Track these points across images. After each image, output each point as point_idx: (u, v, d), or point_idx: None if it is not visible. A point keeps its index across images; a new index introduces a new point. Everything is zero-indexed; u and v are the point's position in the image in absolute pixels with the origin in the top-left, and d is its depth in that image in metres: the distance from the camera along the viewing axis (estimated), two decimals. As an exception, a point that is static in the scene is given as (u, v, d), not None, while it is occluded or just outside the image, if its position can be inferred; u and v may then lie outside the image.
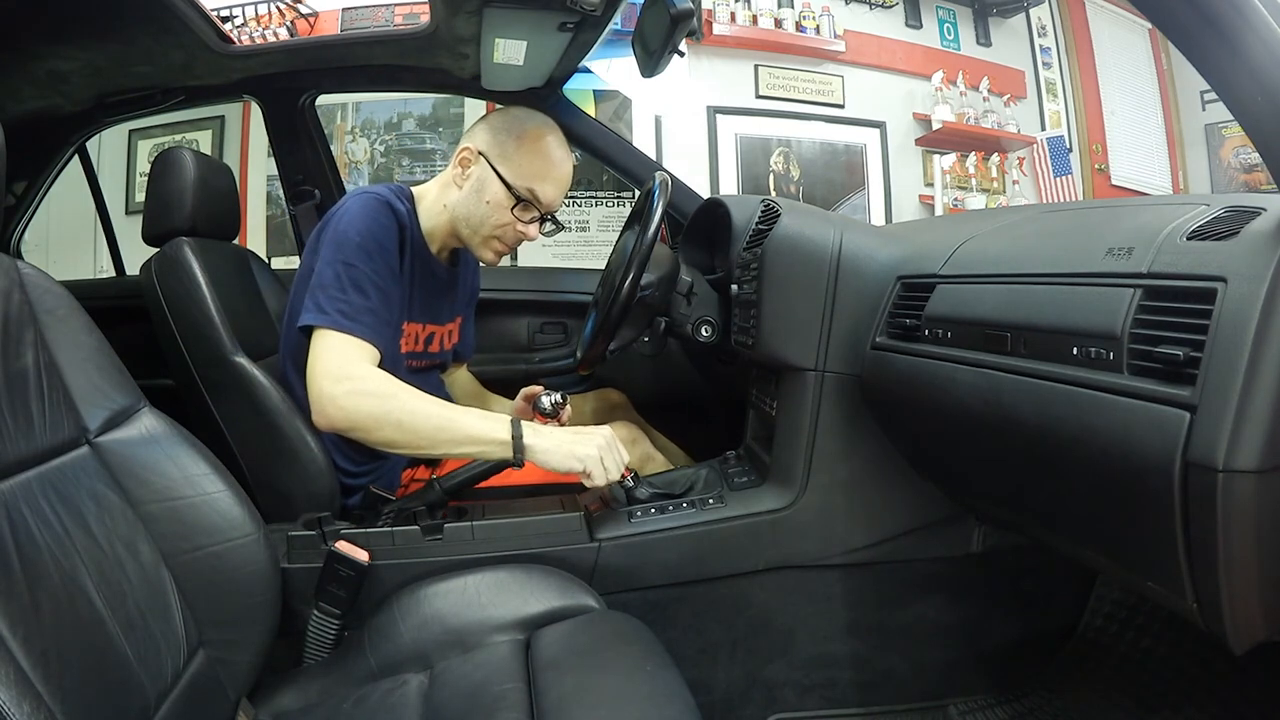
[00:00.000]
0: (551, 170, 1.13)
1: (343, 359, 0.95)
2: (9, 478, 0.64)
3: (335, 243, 1.01)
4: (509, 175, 1.11)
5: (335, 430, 0.96)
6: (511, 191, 1.11)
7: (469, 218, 1.14)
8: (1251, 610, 0.57)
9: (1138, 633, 1.06)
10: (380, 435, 0.94)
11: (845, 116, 3.23)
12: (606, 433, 0.97)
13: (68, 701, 0.56)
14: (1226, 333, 0.54)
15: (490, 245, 1.16)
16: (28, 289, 0.73)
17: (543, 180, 1.12)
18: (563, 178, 1.15)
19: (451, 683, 0.79)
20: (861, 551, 1.05)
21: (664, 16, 1.12)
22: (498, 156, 1.12)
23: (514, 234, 1.15)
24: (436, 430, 0.94)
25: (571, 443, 0.95)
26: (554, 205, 1.16)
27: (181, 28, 1.31)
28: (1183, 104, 3.70)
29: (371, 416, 0.93)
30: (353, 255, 1.00)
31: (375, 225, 1.03)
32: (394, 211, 1.06)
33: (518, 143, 1.12)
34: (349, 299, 0.98)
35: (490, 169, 1.11)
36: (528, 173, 1.11)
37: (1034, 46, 3.59)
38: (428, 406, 0.95)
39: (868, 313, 0.99)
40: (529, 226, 1.15)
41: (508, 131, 1.13)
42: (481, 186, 1.12)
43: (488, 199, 1.12)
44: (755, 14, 3.10)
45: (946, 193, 3.32)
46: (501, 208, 1.12)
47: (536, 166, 1.12)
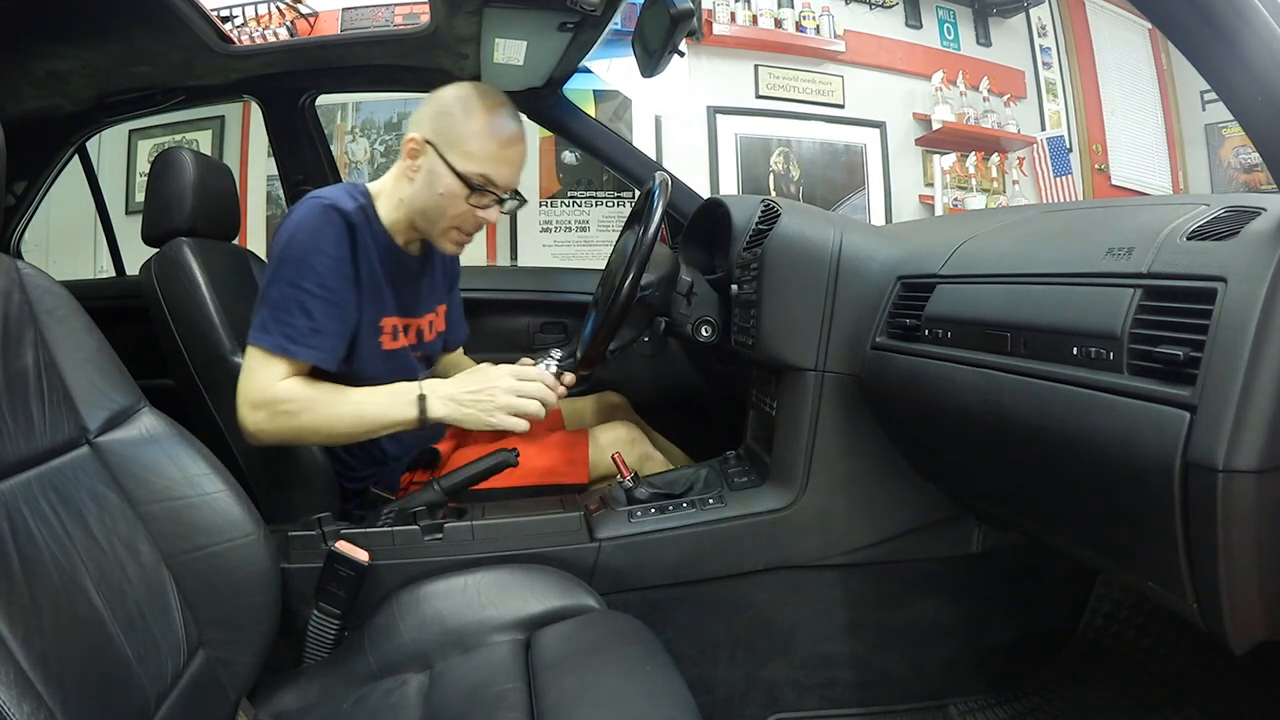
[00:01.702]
0: (503, 150, 1.06)
1: (264, 382, 0.98)
2: (9, 478, 0.64)
3: (278, 258, 1.00)
4: (459, 164, 1.05)
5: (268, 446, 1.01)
6: (464, 181, 1.05)
7: (425, 210, 1.09)
8: (1251, 610, 0.57)
9: (1138, 633, 1.06)
10: (310, 442, 1.04)
11: (845, 116, 3.23)
12: (506, 382, 1.01)
13: (68, 701, 0.56)
14: (1226, 333, 0.54)
15: (449, 236, 1.11)
16: (28, 289, 0.73)
17: (495, 162, 1.06)
18: (516, 155, 1.09)
19: (451, 683, 0.79)
20: (861, 551, 1.05)
21: (664, 16, 1.12)
22: (445, 144, 1.05)
23: (474, 221, 1.10)
24: (354, 426, 1.00)
25: (477, 407, 1.00)
26: (512, 184, 1.10)
27: (181, 28, 1.31)
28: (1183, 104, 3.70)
29: (291, 432, 0.99)
30: (294, 272, 0.99)
31: (317, 235, 1.00)
32: (340, 213, 1.02)
33: (463, 125, 1.05)
34: (294, 321, 0.98)
35: (439, 159, 1.05)
36: (478, 157, 1.05)
37: (1034, 46, 3.59)
38: (339, 407, 0.99)
39: (868, 313, 0.99)
40: (488, 210, 1.09)
41: (451, 114, 1.06)
42: (433, 178, 1.06)
43: (440, 190, 1.06)
44: (755, 14, 3.10)
45: (946, 193, 3.32)
46: (456, 198, 1.06)
47: (487, 148, 1.05)
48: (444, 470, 1.13)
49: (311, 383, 1.01)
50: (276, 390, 0.98)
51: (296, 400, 0.98)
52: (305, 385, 0.99)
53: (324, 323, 0.99)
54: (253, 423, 0.98)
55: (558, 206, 2.86)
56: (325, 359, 1.00)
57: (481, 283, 1.78)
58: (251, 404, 0.98)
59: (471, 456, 1.04)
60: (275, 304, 0.98)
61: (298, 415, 0.98)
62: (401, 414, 1.00)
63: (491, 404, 1.00)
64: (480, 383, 1.02)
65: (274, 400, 0.97)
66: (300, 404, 0.98)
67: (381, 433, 1.02)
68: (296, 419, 0.98)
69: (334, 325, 1.01)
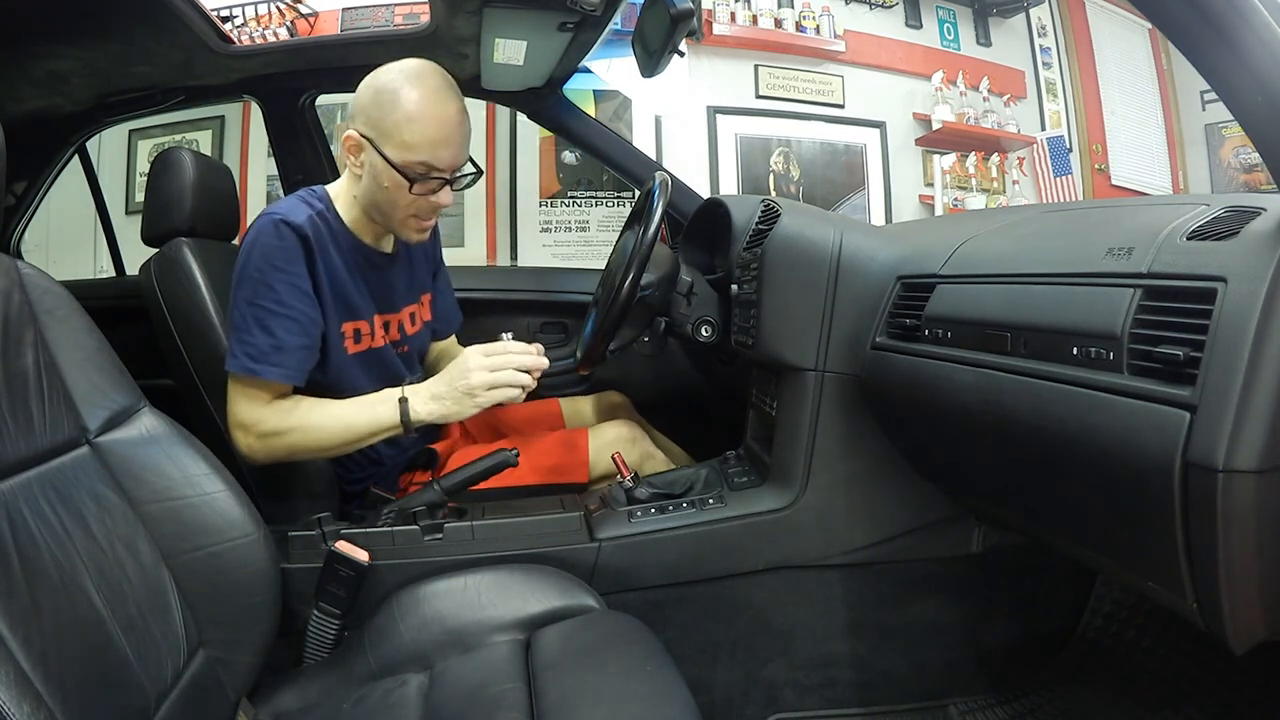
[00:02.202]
0: (439, 132, 1.01)
1: (247, 405, 1.00)
2: (9, 478, 0.64)
3: (237, 280, 1.01)
4: (395, 155, 1.00)
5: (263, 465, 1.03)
6: (403, 174, 1.01)
7: (378, 205, 1.07)
8: (1251, 610, 0.57)
9: (1138, 633, 1.06)
10: (303, 458, 1.04)
11: (845, 116, 3.23)
12: (475, 360, 1.00)
13: (68, 702, 0.56)
14: (1226, 333, 0.54)
15: (409, 225, 1.08)
16: (28, 289, 0.73)
17: (433, 147, 1.01)
18: (454, 134, 1.02)
19: (451, 683, 0.79)
20: (861, 551, 1.05)
21: (664, 16, 1.12)
22: (379, 137, 1.01)
23: (428, 207, 1.06)
24: (342, 438, 1.02)
25: (456, 397, 1.01)
26: (457, 163, 1.05)
27: (181, 28, 1.31)
28: (1183, 104, 3.70)
29: (285, 450, 1.01)
30: (251, 291, 0.99)
31: (269, 250, 0.99)
32: (291, 227, 1.00)
33: (393, 114, 1.00)
34: (255, 340, 0.98)
35: (376, 154, 1.01)
36: (413, 145, 1.00)
37: (1034, 46, 3.59)
38: (324, 423, 1.01)
39: (868, 313, 0.99)
40: (439, 194, 1.05)
41: (377, 104, 1.01)
42: (375, 173, 1.03)
43: (385, 184, 1.03)
44: (755, 14, 3.10)
45: (946, 193, 3.32)
46: (401, 189, 1.02)
47: (421, 135, 1.00)
48: (443, 470, 1.12)
49: (294, 402, 1.02)
50: (258, 415, 0.99)
51: (280, 422, 0.99)
52: (287, 407, 1.01)
53: (285, 339, 0.99)
54: (244, 445, 1.00)
55: (558, 206, 2.86)
56: (292, 375, 1.00)
57: (481, 283, 1.78)
58: (241, 427, 1.00)
59: (471, 456, 1.04)
60: (237, 326, 0.99)
61: (285, 436, 1.00)
62: (386, 419, 1.01)
63: (468, 385, 1.00)
64: (453, 372, 1.02)
65: (256, 424, 0.99)
66: (284, 425, 0.99)
67: (372, 441, 1.03)
68: (284, 439, 1.00)
69: (296, 340, 1.00)
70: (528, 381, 1.01)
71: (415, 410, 1.01)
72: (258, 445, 1.00)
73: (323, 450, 1.03)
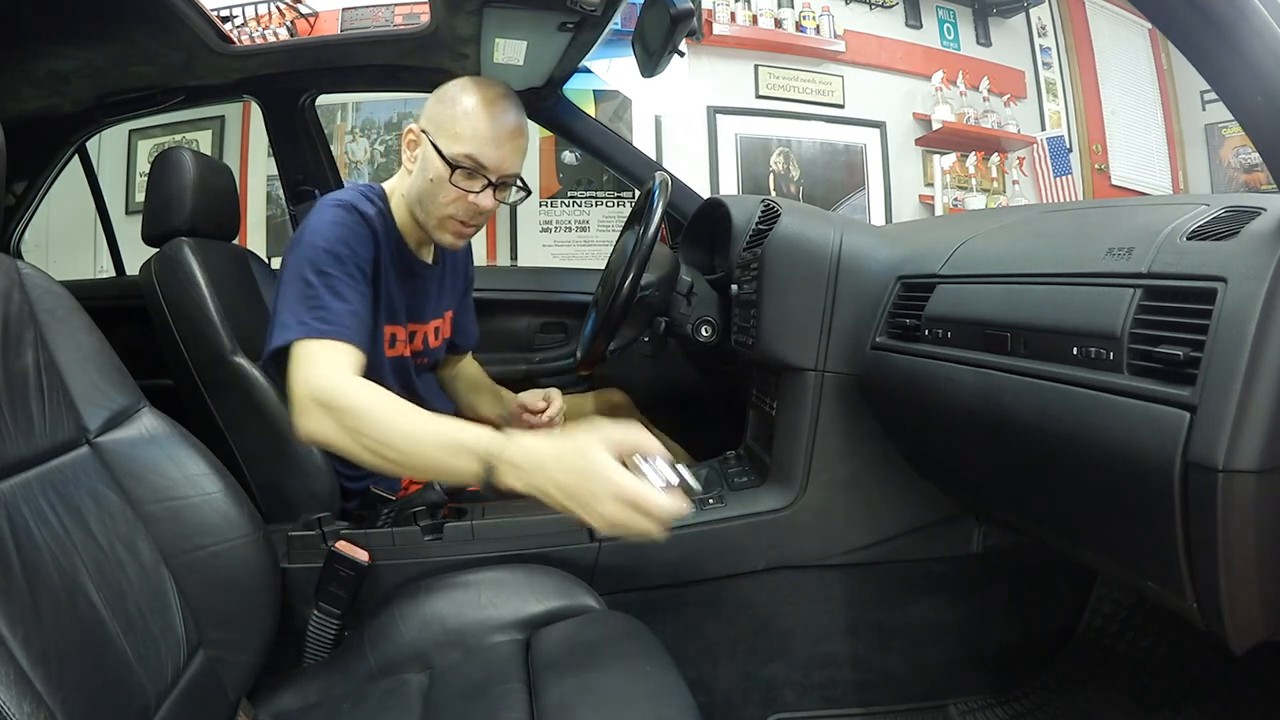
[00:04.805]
0: (489, 129, 1.03)
1: (322, 373, 0.87)
2: (9, 478, 0.64)
3: (305, 255, 0.96)
4: (444, 145, 1.03)
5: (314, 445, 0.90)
6: (447, 161, 1.02)
7: (420, 200, 1.07)
8: (1251, 610, 0.57)
9: (1138, 633, 1.06)
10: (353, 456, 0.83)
11: (845, 116, 3.23)
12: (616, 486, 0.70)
13: (68, 701, 0.56)
14: (1226, 333, 0.54)
15: (446, 227, 1.07)
16: (28, 289, 0.73)
17: (483, 143, 1.02)
18: (504, 135, 1.04)
19: (451, 683, 0.79)
20: (861, 551, 1.05)
21: (664, 16, 1.12)
22: (435, 129, 1.04)
23: (466, 207, 1.05)
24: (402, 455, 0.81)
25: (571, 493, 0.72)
26: (504, 168, 1.05)
27: (181, 28, 1.31)
28: (1183, 104, 3.70)
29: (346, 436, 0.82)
30: (325, 263, 0.95)
31: (345, 232, 0.98)
32: (363, 216, 1.01)
33: (453, 108, 1.04)
34: (330, 305, 0.92)
35: (429, 145, 1.04)
36: (464, 137, 1.02)
37: (1034, 46, 3.59)
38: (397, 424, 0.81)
39: (868, 313, 0.99)
40: (481, 196, 1.05)
41: (443, 101, 1.05)
42: (425, 164, 1.05)
43: (431, 176, 1.04)
44: (755, 14, 3.10)
45: (946, 193, 3.32)
46: (444, 181, 1.03)
47: (472, 128, 1.02)
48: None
49: (377, 387, 0.86)
50: (340, 383, 0.85)
51: (361, 398, 0.83)
52: (372, 387, 0.86)
53: (359, 306, 0.95)
54: (312, 423, 0.84)
55: (558, 206, 2.86)
56: (365, 345, 0.93)
57: (481, 283, 1.77)
58: (314, 399, 0.84)
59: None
60: (304, 296, 0.92)
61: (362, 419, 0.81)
62: (459, 468, 0.78)
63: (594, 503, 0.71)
64: (582, 471, 0.72)
65: (337, 394, 0.83)
66: (363, 405, 0.82)
67: (428, 477, 0.91)
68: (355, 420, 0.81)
69: (366, 312, 0.96)
70: (650, 530, 0.72)
71: (503, 475, 0.75)
72: (328, 424, 0.82)
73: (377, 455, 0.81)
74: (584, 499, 0.71)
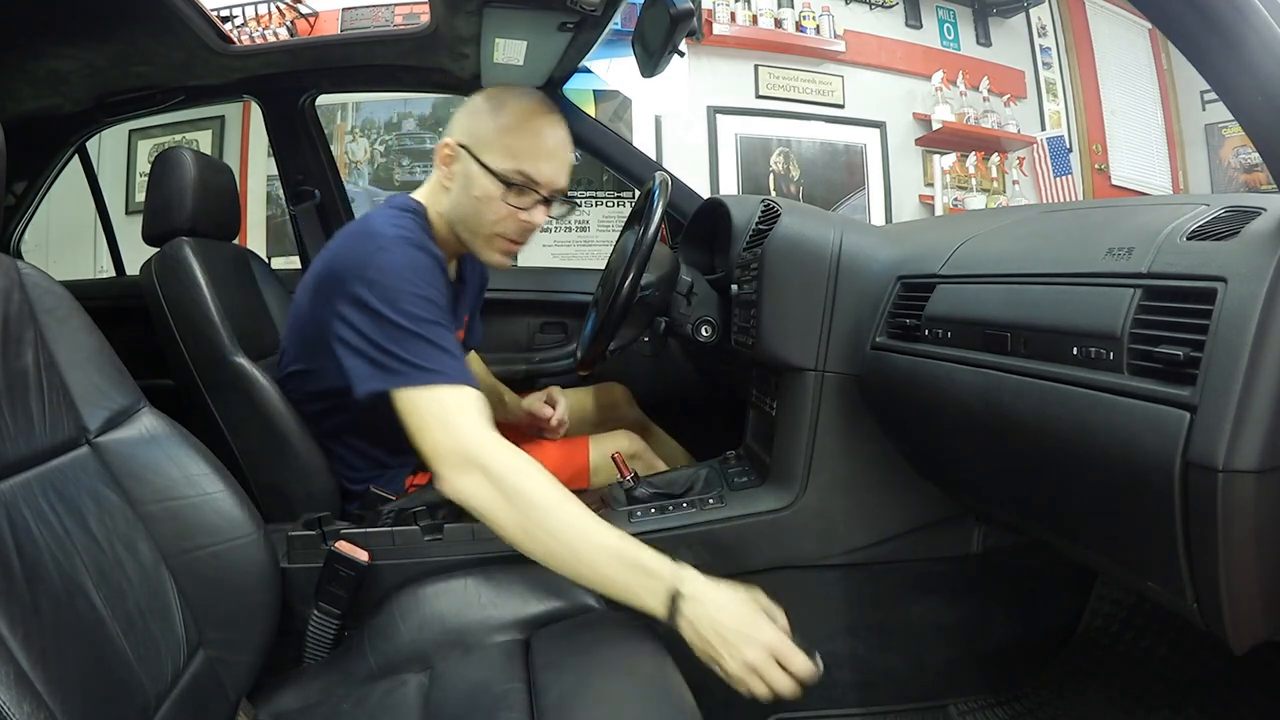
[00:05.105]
0: (540, 143, 1.00)
1: (474, 426, 0.83)
2: (9, 478, 0.64)
3: (392, 297, 0.88)
4: (493, 162, 0.98)
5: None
6: (499, 178, 0.98)
7: (464, 220, 1.03)
8: (1251, 610, 0.57)
9: (1138, 633, 1.06)
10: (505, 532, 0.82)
11: (845, 116, 3.23)
12: (771, 637, 0.76)
13: (68, 701, 0.56)
14: (1226, 333, 0.53)
15: (494, 245, 1.04)
16: (28, 289, 0.73)
17: (533, 157, 0.99)
18: (555, 148, 1.01)
19: (451, 683, 0.79)
20: (861, 551, 1.05)
21: (664, 16, 1.12)
22: (478, 144, 0.99)
23: (517, 225, 1.02)
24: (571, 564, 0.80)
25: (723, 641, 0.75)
26: (555, 183, 1.02)
27: (181, 28, 1.31)
28: (1183, 104, 3.70)
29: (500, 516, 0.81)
30: (423, 308, 0.89)
31: (432, 277, 0.93)
32: (434, 259, 0.95)
33: (495, 122, 0.99)
34: (445, 352, 0.87)
35: (473, 160, 0.99)
36: (514, 152, 0.98)
37: (1034, 46, 3.59)
38: (572, 537, 0.79)
39: (868, 313, 0.99)
40: (532, 212, 1.02)
41: (483, 114, 1.01)
42: (468, 182, 1.00)
43: (477, 194, 1.00)
44: (755, 14, 3.10)
45: (946, 193, 3.33)
46: (493, 199, 0.99)
47: (523, 143, 0.99)
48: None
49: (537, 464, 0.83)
50: (497, 448, 0.82)
51: (536, 483, 0.80)
52: (536, 465, 0.82)
53: (458, 352, 0.90)
54: (469, 485, 0.81)
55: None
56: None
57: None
58: (469, 459, 0.81)
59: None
60: (410, 337, 0.86)
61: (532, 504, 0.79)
62: (638, 590, 0.78)
63: (740, 650, 0.75)
64: (742, 616, 0.77)
65: (500, 464, 0.81)
66: (538, 492, 0.80)
67: (596, 587, 0.82)
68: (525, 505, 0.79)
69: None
70: (783, 685, 0.76)
71: (681, 613, 0.76)
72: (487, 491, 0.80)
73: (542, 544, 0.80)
74: (734, 640, 0.75)
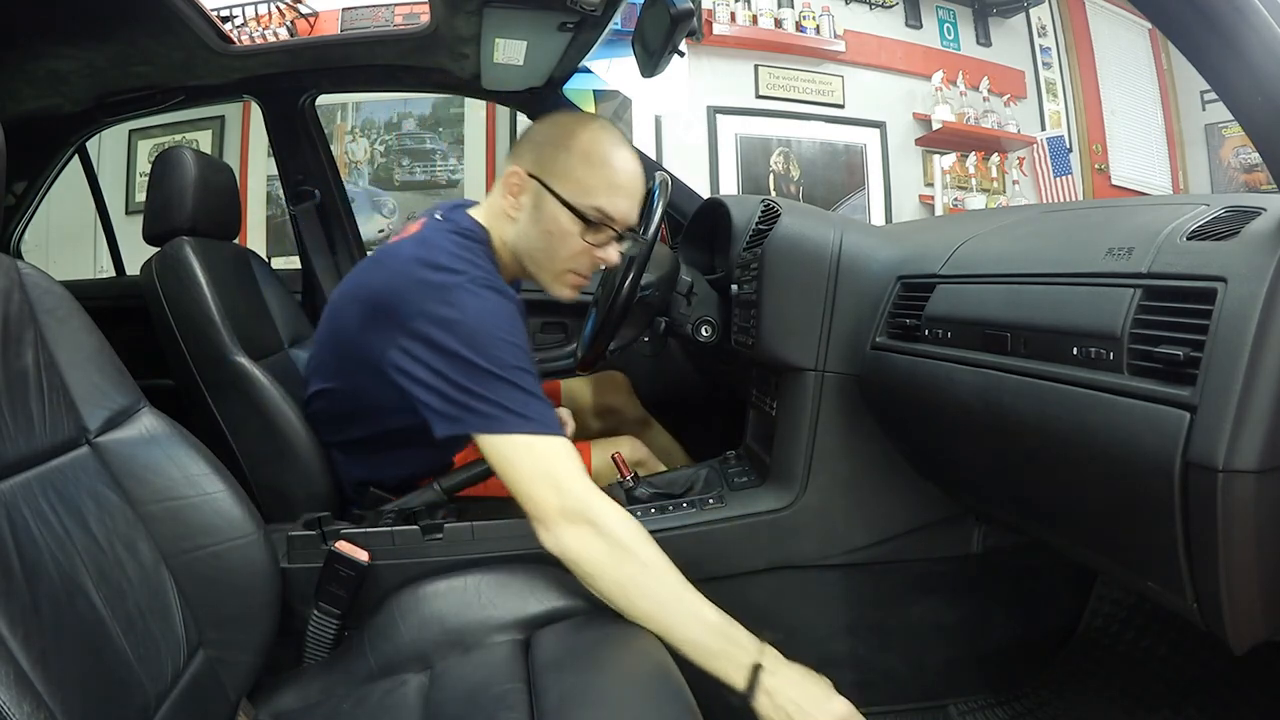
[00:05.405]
0: (617, 177, 0.96)
1: (579, 481, 0.83)
2: (9, 478, 0.64)
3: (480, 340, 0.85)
4: (570, 195, 0.94)
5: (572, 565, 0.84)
6: (577, 214, 0.94)
7: (532, 253, 0.98)
8: (1251, 610, 0.57)
9: (1138, 633, 1.06)
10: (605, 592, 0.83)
11: (845, 116, 3.24)
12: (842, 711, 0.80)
13: (68, 701, 0.56)
14: (1226, 333, 0.53)
15: (565, 280, 1.00)
16: (28, 289, 0.73)
17: (610, 192, 0.95)
18: (632, 183, 0.97)
19: (451, 683, 0.79)
20: (861, 551, 1.05)
21: (664, 16, 1.12)
22: (551, 175, 0.95)
23: (590, 261, 0.98)
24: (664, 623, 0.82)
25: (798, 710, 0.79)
26: (629, 219, 0.99)
27: (181, 28, 1.31)
28: (1183, 104, 3.71)
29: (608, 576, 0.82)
30: (515, 356, 0.86)
31: (516, 324, 0.90)
32: (511, 299, 0.92)
33: (570, 153, 0.95)
34: (540, 401, 0.85)
35: (546, 191, 0.95)
36: (590, 187, 0.95)
37: (1034, 46, 3.60)
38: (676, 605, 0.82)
39: (868, 313, 0.99)
40: (606, 249, 0.98)
41: (556, 143, 0.96)
42: (539, 214, 0.96)
43: (550, 228, 0.96)
44: (755, 14, 3.11)
45: (946, 193, 3.33)
46: (569, 235, 0.95)
47: (600, 177, 0.95)
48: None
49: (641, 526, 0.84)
50: (607, 508, 0.82)
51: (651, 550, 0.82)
52: (642, 530, 0.83)
53: (548, 401, 0.88)
54: (577, 541, 0.82)
55: (558, 206, 2.86)
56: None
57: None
58: (579, 515, 0.82)
59: (472, 458, 1.04)
60: (501, 382, 0.84)
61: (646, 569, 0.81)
62: (724, 670, 0.81)
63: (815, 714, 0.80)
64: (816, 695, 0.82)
65: (601, 517, 0.81)
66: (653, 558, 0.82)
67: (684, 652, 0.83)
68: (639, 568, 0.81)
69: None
70: None
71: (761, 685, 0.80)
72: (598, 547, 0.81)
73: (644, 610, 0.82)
74: (810, 711, 0.80)
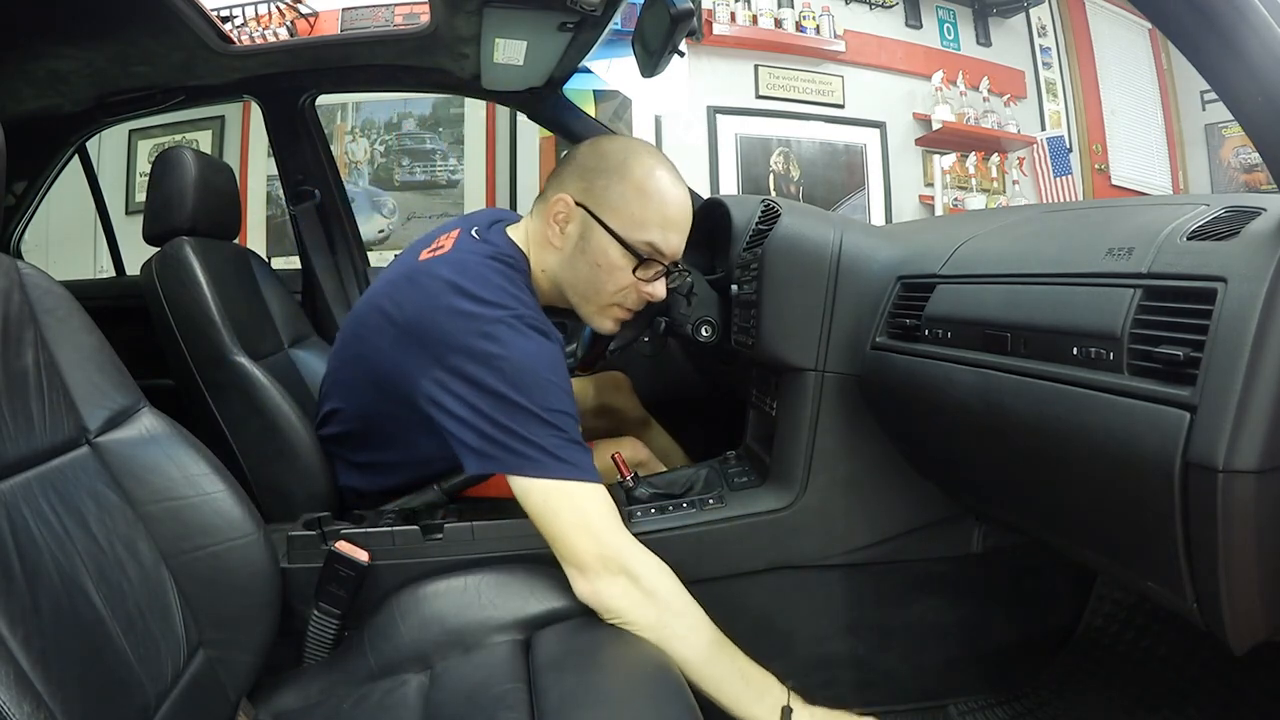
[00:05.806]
0: (671, 211, 0.93)
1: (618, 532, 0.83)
2: (9, 478, 0.64)
3: (528, 380, 0.83)
4: (621, 229, 0.91)
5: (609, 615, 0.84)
6: (627, 248, 0.92)
7: (576, 285, 0.96)
8: (1252, 610, 0.57)
9: (1138, 633, 1.06)
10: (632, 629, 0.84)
11: (845, 116, 3.24)
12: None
13: (68, 702, 0.56)
14: (1226, 333, 0.53)
15: (609, 314, 0.98)
16: (28, 289, 0.73)
17: (664, 227, 0.93)
18: (684, 218, 0.95)
19: (451, 683, 0.79)
20: (861, 551, 1.05)
21: (664, 16, 1.12)
22: (602, 206, 0.92)
23: (637, 297, 0.96)
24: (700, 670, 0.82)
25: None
26: (678, 254, 0.97)
27: (181, 28, 1.31)
28: (1183, 104, 3.71)
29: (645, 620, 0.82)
30: (561, 401, 0.85)
31: (558, 362, 0.88)
32: (556, 340, 0.90)
33: (623, 184, 0.92)
34: (581, 447, 0.85)
35: (595, 223, 0.92)
36: (644, 221, 0.92)
37: (1034, 46, 3.60)
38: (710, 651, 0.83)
39: (868, 313, 0.99)
40: (655, 285, 0.96)
41: (609, 173, 0.93)
42: (586, 246, 0.93)
43: (598, 260, 0.93)
44: (755, 14, 3.11)
45: (946, 193, 3.33)
46: (618, 269, 0.93)
47: (654, 211, 0.92)
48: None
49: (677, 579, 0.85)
50: (645, 559, 0.83)
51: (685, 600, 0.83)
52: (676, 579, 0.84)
53: (587, 447, 0.87)
54: (615, 592, 0.81)
55: (558, 206, 2.86)
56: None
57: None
58: (618, 566, 0.81)
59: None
60: (545, 426, 0.83)
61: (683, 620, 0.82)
62: (753, 712, 0.83)
63: None
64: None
65: (638, 566, 0.82)
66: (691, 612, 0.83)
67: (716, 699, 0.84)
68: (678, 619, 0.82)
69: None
70: None
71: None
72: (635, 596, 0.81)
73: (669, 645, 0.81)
74: None
